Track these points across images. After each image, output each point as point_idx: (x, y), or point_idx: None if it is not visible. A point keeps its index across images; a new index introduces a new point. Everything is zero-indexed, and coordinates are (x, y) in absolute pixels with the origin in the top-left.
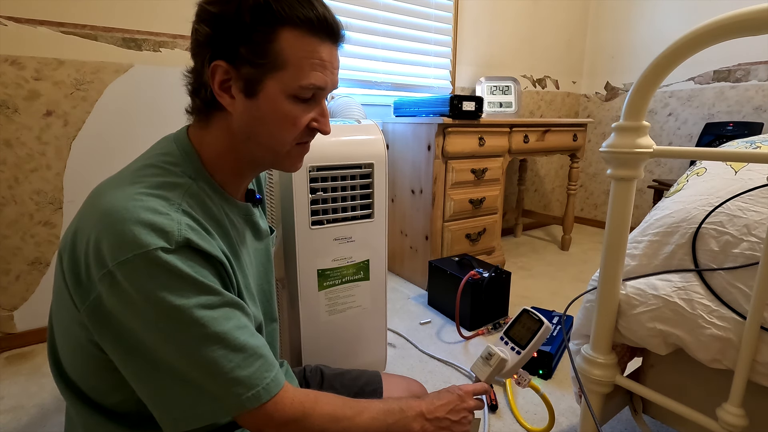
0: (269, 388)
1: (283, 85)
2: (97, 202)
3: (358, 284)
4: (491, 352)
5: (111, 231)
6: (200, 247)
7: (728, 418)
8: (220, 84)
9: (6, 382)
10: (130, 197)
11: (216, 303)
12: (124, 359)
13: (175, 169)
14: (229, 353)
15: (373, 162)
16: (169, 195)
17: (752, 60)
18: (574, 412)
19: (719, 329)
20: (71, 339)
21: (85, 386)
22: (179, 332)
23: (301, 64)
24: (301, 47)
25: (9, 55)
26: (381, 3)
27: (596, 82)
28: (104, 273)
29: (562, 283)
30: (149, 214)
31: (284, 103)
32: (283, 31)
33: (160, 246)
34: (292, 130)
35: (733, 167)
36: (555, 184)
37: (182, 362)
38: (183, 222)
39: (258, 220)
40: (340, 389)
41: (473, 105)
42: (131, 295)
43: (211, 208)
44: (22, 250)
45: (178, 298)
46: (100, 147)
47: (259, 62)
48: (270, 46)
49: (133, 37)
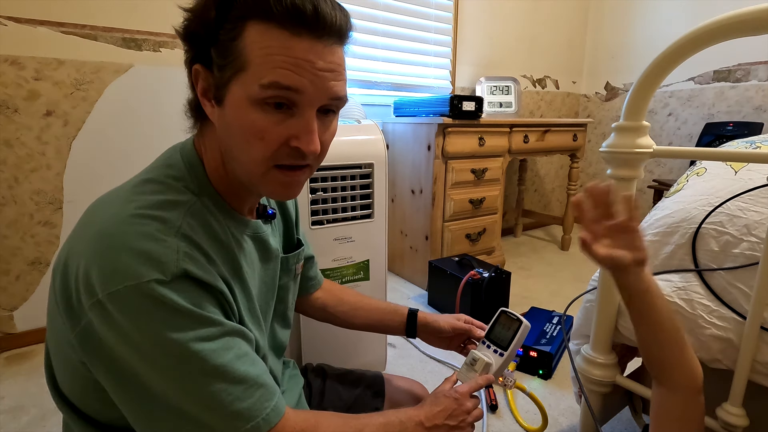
0: (269, 418)
1: (246, 88)
2: (91, 222)
3: (358, 284)
4: (475, 357)
5: (102, 258)
6: (199, 276)
7: (728, 418)
8: (202, 91)
9: (6, 382)
10: (124, 220)
11: (215, 334)
12: (115, 388)
13: (177, 184)
14: (229, 386)
15: (373, 162)
16: (168, 216)
17: (752, 60)
18: (574, 412)
19: (719, 329)
20: (65, 357)
21: (81, 403)
22: (176, 367)
23: (263, 62)
24: (267, 42)
25: (9, 55)
26: (381, 3)
27: (596, 82)
28: (94, 302)
29: (562, 283)
30: (143, 241)
31: (248, 111)
32: (249, 25)
33: (155, 278)
34: (259, 146)
35: (733, 167)
36: (555, 184)
37: (179, 397)
38: (181, 250)
39: (268, 238)
40: (343, 391)
41: (473, 105)
42: (124, 327)
43: (214, 228)
44: (22, 250)
45: (175, 332)
46: (100, 147)
47: (223, 64)
48: (234, 44)
49: (133, 37)
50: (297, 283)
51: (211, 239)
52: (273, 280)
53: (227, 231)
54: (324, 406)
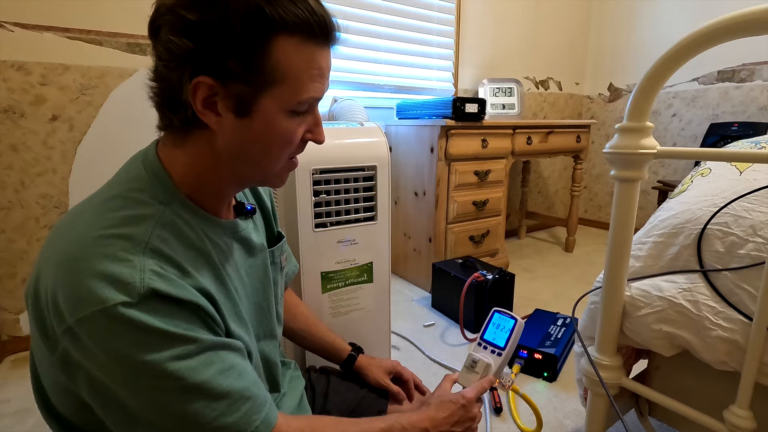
0: (259, 431)
1: (281, 102)
2: (56, 246)
3: (362, 286)
4: (475, 359)
5: (67, 284)
6: (169, 294)
7: (736, 421)
8: (203, 101)
9: (12, 385)
10: (88, 242)
11: (193, 351)
12: (100, 410)
13: (141, 196)
14: (211, 402)
15: (376, 164)
16: (134, 232)
17: (757, 60)
18: (580, 414)
19: (725, 331)
20: (51, 377)
21: (72, 418)
22: (154, 389)
23: (300, 77)
24: (300, 58)
25: (15, 61)
26: (383, 6)
27: (599, 84)
28: (64, 329)
29: (567, 284)
30: (107, 263)
31: (281, 120)
32: (278, 39)
33: (120, 301)
34: (288, 147)
35: (738, 168)
36: (558, 185)
37: (161, 417)
38: (147, 268)
39: (250, 235)
40: (347, 393)
41: (476, 107)
42: (95, 352)
43: (188, 235)
44: (28, 254)
45: (149, 353)
46: (106, 151)
47: (252, 79)
48: (264, 59)
49: (138, 42)
50: (283, 276)
51: (185, 248)
52: (265, 274)
53: (202, 236)
54: (327, 408)
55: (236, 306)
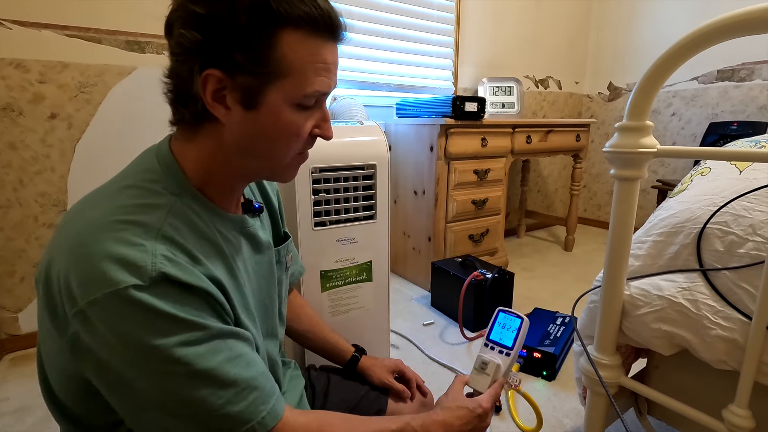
0: (265, 421)
1: (286, 94)
2: (68, 232)
3: (361, 285)
4: (485, 360)
5: (79, 266)
6: (179, 279)
7: (735, 420)
8: (213, 94)
9: (11, 383)
10: (101, 226)
11: (201, 338)
12: (108, 394)
13: (155, 186)
14: (218, 390)
15: (375, 163)
16: (147, 219)
17: (756, 59)
18: (579, 413)
19: (725, 330)
20: (58, 365)
21: (78, 408)
22: (161, 373)
23: (305, 70)
24: (305, 51)
25: (14, 59)
26: (383, 4)
27: (599, 83)
28: (76, 311)
29: (566, 284)
30: (120, 247)
31: (287, 113)
32: (283, 33)
33: (132, 284)
34: (296, 141)
35: (738, 167)
36: (558, 184)
37: (168, 401)
38: (158, 253)
39: (257, 232)
40: (347, 392)
41: (476, 106)
42: (106, 335)
43: (199, 225)
44: (27, 252)
45: (157, 337)
46: (104, 149)
47: (258, 71)
48: (270, 52)
49: (137, 39)
50: (288, 276)
51: (197, 238)
52: (271, 271)
53: (213, 229)
54: (327, 407)
55: (245, 298)
